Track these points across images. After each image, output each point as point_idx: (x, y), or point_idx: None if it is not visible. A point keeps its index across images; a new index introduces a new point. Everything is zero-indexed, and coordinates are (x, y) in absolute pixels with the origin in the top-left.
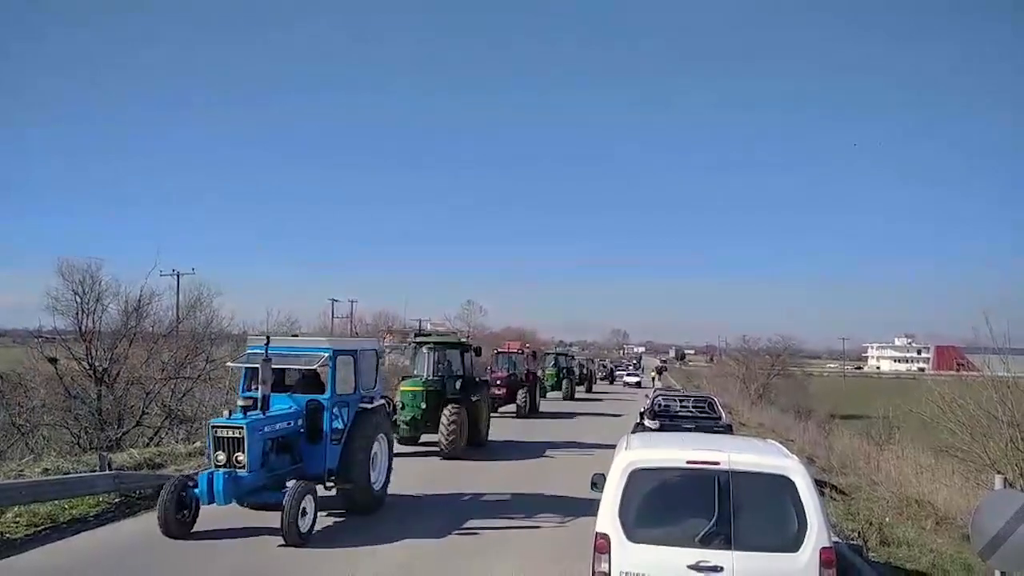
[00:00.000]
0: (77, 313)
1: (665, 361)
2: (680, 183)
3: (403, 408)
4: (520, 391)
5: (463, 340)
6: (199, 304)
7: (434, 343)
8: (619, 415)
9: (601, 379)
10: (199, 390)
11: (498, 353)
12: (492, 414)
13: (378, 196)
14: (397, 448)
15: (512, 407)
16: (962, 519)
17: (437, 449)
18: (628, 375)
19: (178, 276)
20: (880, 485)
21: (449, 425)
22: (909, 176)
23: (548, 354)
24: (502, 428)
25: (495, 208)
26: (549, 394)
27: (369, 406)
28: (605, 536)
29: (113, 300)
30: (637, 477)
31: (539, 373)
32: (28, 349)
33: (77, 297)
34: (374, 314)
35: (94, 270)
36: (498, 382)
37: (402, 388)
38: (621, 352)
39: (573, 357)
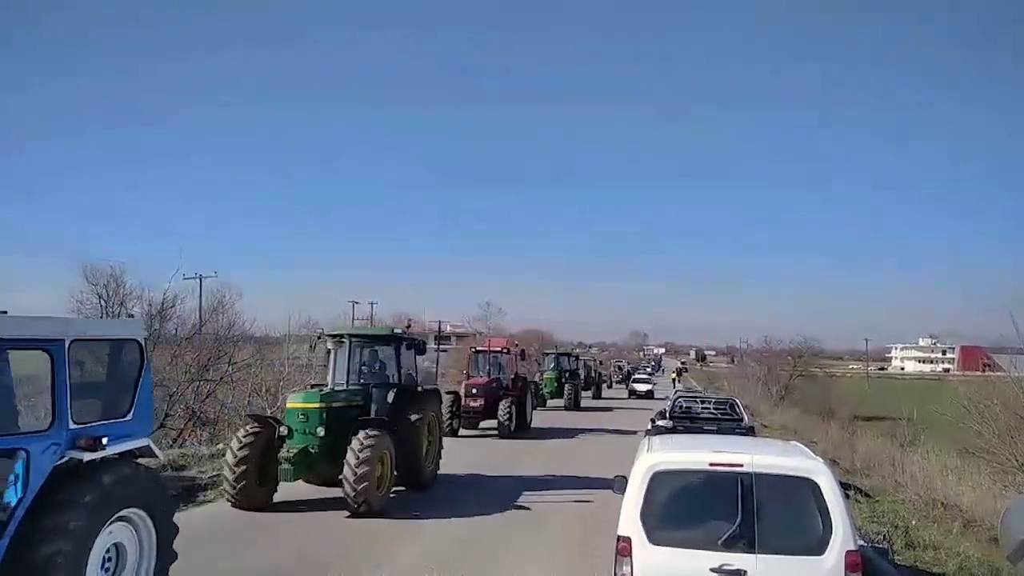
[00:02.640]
0: (101, 316)
1: (684, 363)
2: (697, 185)
3: (290, 437)
4: (503, 403)
5: (399, 331)
6: (221, 307)
7: (350, 336)
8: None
9: (617, 383)
10: (222, 392)
11: (476, 353)
12: (470, 431)
13: (399, 198)
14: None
15: (494, 423)
16: (990, 522)
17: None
18: (635, 380)
19: (200, 280)
20: (905, 487)
21: (359, 464)
22: (929, 175)
23: (547, 354)
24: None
25: (513, 211)
26: (549, 402)
27: (95, 456)
28: (627, 539)
29: (137, 303)
30: (659, 479)
31: (537, 377)
32: None
33: (102, 301)
34: (393, 316)
35: (118, 274)
36: (474, 391)
37: (288, 405)
38: (641, 354)
39: (578, 357)
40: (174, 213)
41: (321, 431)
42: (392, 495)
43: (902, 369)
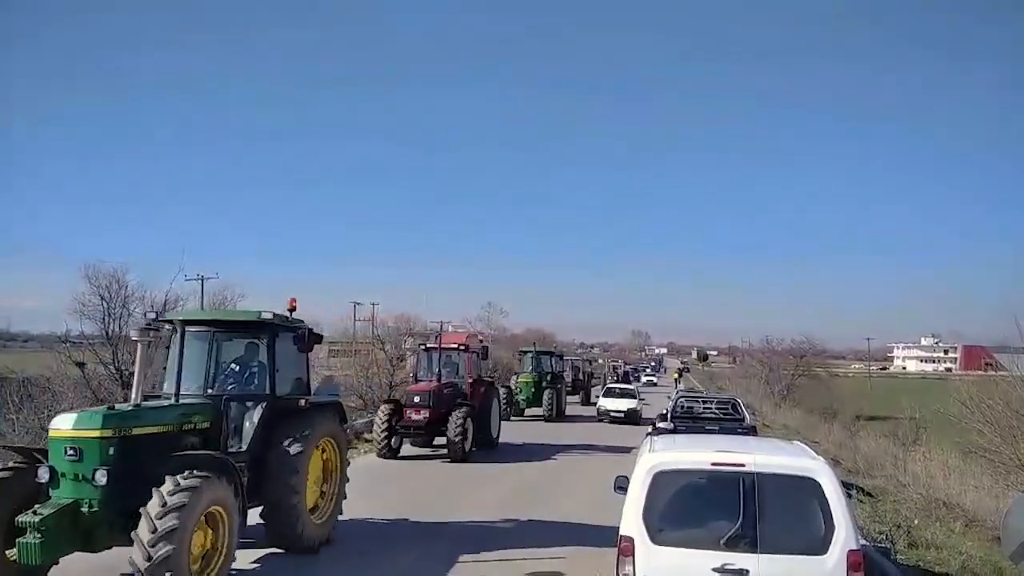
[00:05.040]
0: (104, 318)
1: (686, 363)
2: (699, 184)
3: (54, 484)
4: (455, 414)
5: (268, 316)
6: (223, 308)
7: (184, 323)
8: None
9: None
10: None
11: (425, 351)
12: (423, 450)
13: (400, 197)
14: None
15: (444, 442)
16: (992, 521)
17: None
18: (608, 392)
19: (203, 281)
20: (907, 487)
21: (158, 540)
22: (932, 175)
23: (524, 352)
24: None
25: (515, 211)
26: (527, 411)
27: None
28: (629, 539)
29: (139, 305)
30: (661, 479)
31: (512, 382)
32: (55, 353)
33: (104, 302)
34: (395, 317)
35: (120, 275)
36: (417, 400)
37: (51, 432)
38: (643, 353)
39: (562, 356)
40: (176, 214)
41: (103, 477)
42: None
43: (904, 369)
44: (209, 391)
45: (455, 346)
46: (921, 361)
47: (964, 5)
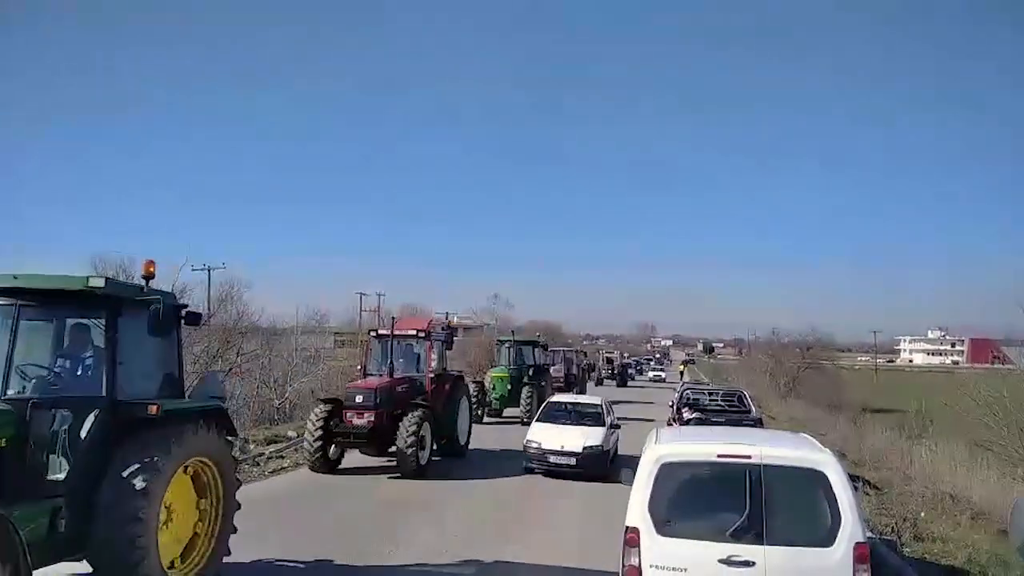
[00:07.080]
0: None
1: (691, 355)
2: (707, 177)
3: None
4: (407, 418)
5: (99, 284)
6: (229, 298)
7: None
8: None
9: (608, 377)
10: (230, 383)
11: (377, 338)
12: (376, 460)
13: (404, 192)
14: None
15: (394, 453)
16: (999, 515)
17: None
18: (543, 415)
19: (209, 271)
20: (913, 480)
21: None
22: (938, 169)
23: (502, 342)
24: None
25: (522, 204)
26: (505, 411)
27: None
28: (635, 530)
29: None
30: (667, 471)
31: (485, 379)
32: None
33: None
34: (401, 307)
35: (127, 265)
36: (359, 399)
37: None
38: (649, 345)
39: (546, 347)
40: (182, 205)
41: None
42: None
43: (910, 361)
44: (9, 392)
45: (413, 332)
46: (928, 354)
47: (963, 4)
